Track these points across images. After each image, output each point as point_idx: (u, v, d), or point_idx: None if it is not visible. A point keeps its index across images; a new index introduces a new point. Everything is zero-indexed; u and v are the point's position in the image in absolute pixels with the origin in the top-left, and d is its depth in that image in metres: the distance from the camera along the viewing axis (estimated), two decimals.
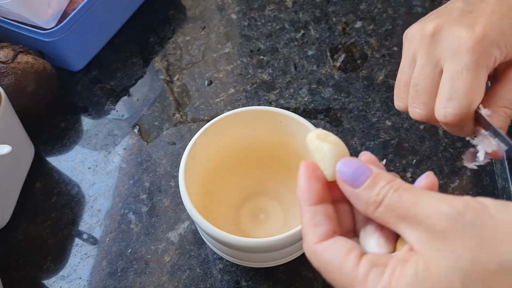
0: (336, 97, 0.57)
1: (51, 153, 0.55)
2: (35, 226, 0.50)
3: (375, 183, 0.25)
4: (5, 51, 0.52)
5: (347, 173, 0.26)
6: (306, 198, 0.26)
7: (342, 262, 0.24)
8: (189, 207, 0.39)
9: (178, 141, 0.55)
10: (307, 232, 0.26)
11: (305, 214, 0.26)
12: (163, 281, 0.46)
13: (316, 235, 0.25)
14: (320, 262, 0.25)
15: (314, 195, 0.26)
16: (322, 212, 0.26)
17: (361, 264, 0.24)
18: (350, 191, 0.25)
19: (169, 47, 0.63)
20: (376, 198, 0.24)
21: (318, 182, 0.27)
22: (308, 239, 0.26)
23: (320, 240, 0.25)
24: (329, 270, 0.25)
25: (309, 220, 0.26)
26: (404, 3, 0.65)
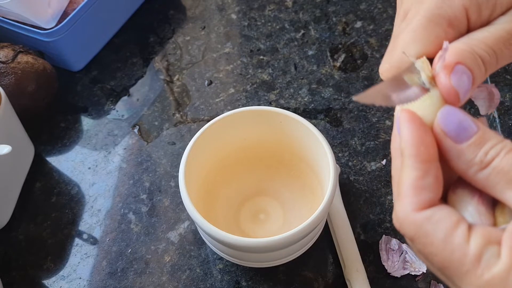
0: (336, 97, 0.57)
1: (51, 153, 0.55)
2: (35, 226, 0.50)
3: (483, 140, 0.22)
4: (5, 51, 0.52)
5: (451, 125, 0.22)
6: (416, 152, 0.22)
7: (449, 235, 0.21)
8: (189, 207, 0.39)
9: (178, 141, 0.55)
10: (407, 194, 0.22)
11: (413, 171, 0.22)
12: (163, 281, 0.46)
13: (419, 201, 0.22)
14: (418, 232, 0.22)
15: (427, 149, 0.22)
16: (433, 173, 0.22)
17: (472, 240, 0.20)
18: (451, 146, 0.22)
19: (169, 47, 0.63)
20: (483, 158, 0.21)
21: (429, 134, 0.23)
22: (406, 203, 0.22)
23: (421, 208, 0.22)
24: (429, 242, 0.21)
25: (416, 180, 0.22)
26: None
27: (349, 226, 0.46)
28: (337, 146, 0.53)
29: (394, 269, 0.45)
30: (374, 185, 0.50)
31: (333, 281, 0.45)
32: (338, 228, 0.46)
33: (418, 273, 0.44)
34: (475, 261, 0.20)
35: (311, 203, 0.46)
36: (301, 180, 0.48)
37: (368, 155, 0.52)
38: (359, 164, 0.52)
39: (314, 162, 0.45)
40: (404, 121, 0.23)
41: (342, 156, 0.52)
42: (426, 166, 0.22)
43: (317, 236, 0.44)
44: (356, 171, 0.51)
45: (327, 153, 0.41)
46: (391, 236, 0.47)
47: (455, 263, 0.20)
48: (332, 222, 0.47)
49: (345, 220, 0.47)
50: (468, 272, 0.20)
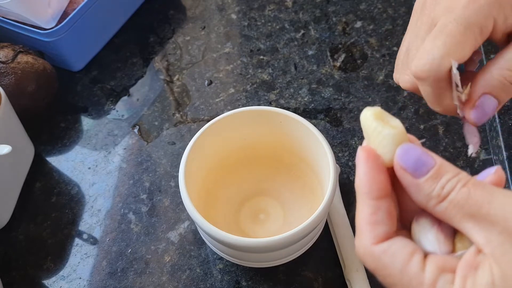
0: (336, 97, 0.57)
1: (51, 153, 0.55)
2: (35, 226, 0.50)
3: (439, 174, 0.22)
4: (5, 51, 0.52)
5: (409, 161, 0.23)
6: (368, 190, 0.24)
7: (405, 266, 0.22)
8: (189, 207, 0.39)
9: (178, 141, 0.55)
10: (363, 230, 0.23)
11: (365, 208, 0.24)
12: (163, 281, 0.46)
13: (374, 235, 0.23)
14: (377, 265, 0.23)
15: (378, 187, 0.24)
16: (385, 209, 0.23)
17: (427, 269, 0.22)
18: (410, 180, 0.23)
19: (169, 47, 0.63)
20: (440, 192, 0.22)
21: (382, 173, 0.24)
22: (364, 238, 0.23)
23: (378, 241, 0.23)
24: (388, 274, 0.22)
25: (369, 216, 0.23)
26: (404, 3, 0.65)
27: (349, 226, 0.46)
28: (337, 146, 0.53)
29: None
30: None
31: (333, 281, 0.45)
32: (338, 228, 0.46)
33: None
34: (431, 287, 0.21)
35: (311, 203, 0.46)
36: (301, 180, 0.48)
37: None
38: None
39: (314, 162, 0.45)
40: (359, 160, 0.24)
41: (342, 156, 0.52)
42: (378, 203, 0.23)
43: (317, 236, 0.44)
44: None
45: (327, 153, 0.41)
46: None
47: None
48: (332, 222, 0.47)
49: (345, 220, 0.47)
50: None
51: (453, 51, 0.27)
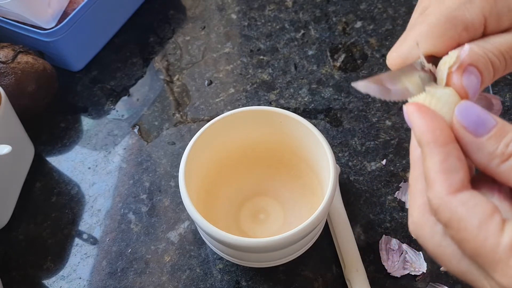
0: (336, 97, 0.57)
1: (51, 153, 0.55)
2: (35, 226, 0.50)
3: (503, 132, 0.22)
4: (5, 51, 0.52)
5: (469, 119, 0.22)
6: (433, 137, 0.22)
7: (484, 222, 0.21)
8: (189, 207, 0.39)
9: (178, 141, 0.55)
10: (436, 179, 0.22)
11: (434, 156, 0.22)
12: (163, 281, 0.46)
13: (449, 183, 0.22)
14: (452, 216, 0.22)
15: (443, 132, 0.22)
16: (455, 154, 0.22)
17: (506, 230, 0.20)
18: (471, 140, 0.22)
19: (169, 47, 0.63)
20: (504, 150, 0.21)
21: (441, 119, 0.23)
22: (437, 188, 0.22)
23: (455, 190, 0.22)
24: (463, 227, 0.21)
25: (441, 163, 0.22)
26: (404, 3, 0.65)
27: (349, 226, 0.46)
28: (337, 146, 0.53)
29: (394, 269, 0.45)
30: (374, 185, 0.50)
31: (333, 281, 0.45)
32: (338, 228, 0.46)
33: (418, 273, 0.44)
34: (508, 251, 0.20)
35: (311, 203, 0.46)
36: (301, 180, 0.48)
37: (368, 155, 0.52)
38: (359, 164, 0.52)
39: (314, 162, 0.45)
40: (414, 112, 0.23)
41: (342, 156, 0.52)
42: (446, 149, 0.22)
43: (317, 236, 0.44)
44: (356, 171, 0.51)
45: (327, 153, 0.41)
46: (391, 236, 0.47)
47: (488, 250, 0.20)
48: (332, 222, 0.47)
49: (345, 220, 0.47)
50: (501, 261, 0.20)
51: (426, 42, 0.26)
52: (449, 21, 0.26)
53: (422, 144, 0.23)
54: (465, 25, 0.26)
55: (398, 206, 0.49)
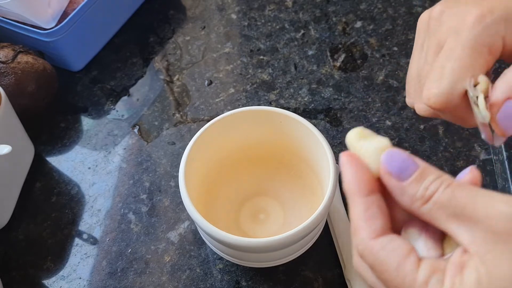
0: (336, 97, 0.57)
1: (51, 153, 0.55)
2: (35, 226, 0.50)
3: (423, 176, 0.23)
4: (5, 51, 0.52)
5: (393, 165, 0.24)
6: (357, 188, 0.25)
7: (400, 264, 0.23)
8: (189, 207, 0.39)
9: (178, 141, 0.55)
10: (360, 226, 0.24)
11: (358, 206, 0.25)
12: (163, 281, 0.46)
13: (372, 230, 0.24)
14: (375, 260, 0.24)
15: (365, 185, 0.25)
16: (376, 203, 0.25)
17: (421, 269, 0.22)
18: (395, 184, 0.24)
19: (169, 47, 0.63)
20: (424, 193, 0.23)
21: (366, 172, 0.25)
22: (362, 234, 0.24)
23: (376, 235, 0.24)
24: (384, 270, 0.23)
25: (363, 212, 0.24)
26: (404, 3, 0.65)
27: (349, 226, 0.46)
28: (337, 146, 0.53)
29: None
30: None
31: (333, 281, 0.45)
32: (338, 228, 0.46)
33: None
34: (423, 285, 0.22)
35: (311, 203, 0.46)
36: (301, 180, 0.48)
37: None
38: None
39: (314, 162, 0.45)
40: (343, 164, 0.25)
41: None
42: (369, 199, 0.24)
43: (317, 236, 0.44)
44: None
45: (327, 153, 0.41)
46: None
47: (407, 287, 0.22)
48: (332, 222, 0.47)
49: (345, 220, 0.47)
50: None
51: (463, 76, 0.27)
52: (476, 51, 0.27)
53: (348, 194, 0.25)
54: (489, 49, 0.28)
55: None
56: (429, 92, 0.29)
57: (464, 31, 0.28)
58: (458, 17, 0.29)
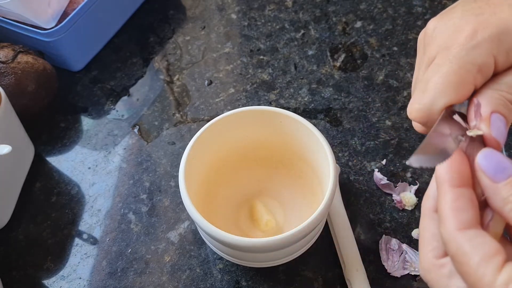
0: (336, 97, 0.57)
1: (51, 153, 0.55)
2: (35, 226, 0.50)
3: None
4: (5, 51, 0.52)
5: (489, 165, 0.24)
6: (450, 178, 0.25)
7: (484, 261, 0.23)
8: (189, 207, 0.39)
9: (178, 141, 0.55)
10: (447, 215, 0.24)
11: (447, 195, 0.25)
12: (163, 281, 0.46)
13: (459, 221, 0.24)
14: (457, 249, 0.24)
15: (460, 176, 0.25)
16: (467, 196, 0.25)
17: (503, 272, 0.22)
18: (489, 183, 0.24)
19: (169, 47, 0.63)
20: None
21: (464, 164, 0.25)
22: (448, 224, 0.24)
23: (463, 227, 0.24)
24: (465, 262, 0.23)
25: (452, 202, 0.24)
26: (404, 3, 0.65)
27: (349, 226, 0.46)
28: (337, 146, 0.53)
29: (394, 269, 0.45)
30: (374, 185, 0.50)
31: (333, 281, 0.45)
32: (338, 228, 0.46)
33: (418, 273, 0.44)
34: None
35: (311, 203, 0.46)
36: (301, 180, 0.48)
37: (368, 155, 0.52)
38: (359, 164, 0.52)
39: (314, 162, 0.45)
40: None
41: (342, 156, 0.52)
42: (460, 190, 0.25)
43: (317, 236, 0.44)
44: (356, 171, 0.51)
45: (327, 153, 0.41)
46: (391, 236, 0.47)
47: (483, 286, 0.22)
48: (332, 222, 0.47)
49: (345, 220, 0.47)
50: None
51: (446, 92, 0.27)
52: (463, 68, 0.27)
53: (438, 182, 0.25)
54: (478, 68, 0.27)
55: (398, 206, 0.49)
56: (411, 106, 0.28)
57: (454, 48, 0.27)
58: (449, 32, 0.28)
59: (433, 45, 0.29)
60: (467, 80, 0.27)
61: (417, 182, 0.49)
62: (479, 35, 0.27)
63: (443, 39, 0.28)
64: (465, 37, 0.27)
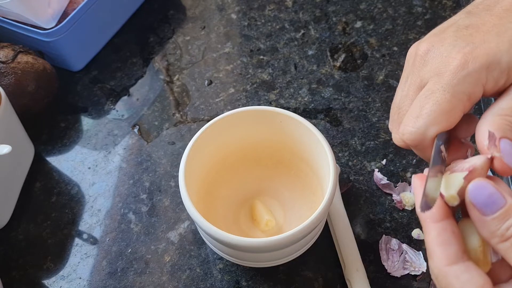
0: (336, 97, 0.57)
1: (51, 153, 0.55)
2: (35, 226, 0.50)
3: (507, 215, 0.24)
4: (5, 51, 0.52)
5: (479, 198, 0.25)
6: (429, 214, 0.26)
7: None
8: (189, 207, 0.39)
9: (178, 141, 0.55)
10: (434, 251, 0.25)
11: (431, 231, 0.26)
12: (163, 281, 0.46)
13: (446, 256, 0.25)
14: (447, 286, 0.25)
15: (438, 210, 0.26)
16: (449, 229, 0.25)
17: None
18: (477, 216, 0.25)
19: (169, 47, 0.63)
20: (504, 232, 0.24)
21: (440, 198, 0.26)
22: (437, 260, 0.25)
23: (451, 262, 0.25)
24: None
25: (436, 238, 0.25)
26: (404, 3, 0.65)
27: (349, 226, 0.46)
28: (337, 146, 0.53)
29: (394, 269, 0.45)
30: (374, 185, 0.50)
31: (333, 281, 0.45)
32: (338, 228, 0.46)
33: (418, 273, 0.44)
34: None
35: (311, 203, 0.46)
36: (301, 180, 0.48)
37: (368, 155, 0.52)
38: (359, 164, 0.52)
39: (314, 162, 0.45)
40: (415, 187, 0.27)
41: (342, 156, 0.52)
42: (440, 225, 0.25)
43: (317, 236, 0.44)
44: (356, 171, 0.51)
45: (327, 153, 0.41)
46: (391, 236, 0.47)
47: None
48: (332, 222, 0.47)
49: (345, 220, 0.47)
50: None
51: (439, 120, 0.28)
52: (455, 97, 0.28)
53: (421, 220, 0.26)
54: (468, 96, 0.28)
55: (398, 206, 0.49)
56: (405, 128, 0.29)
57: (446, 76, 0.28)
58: (442, 59, 0.29)
59: (426, 68, 0.30)
60: (458, 108, 0.28)
61: None
62: (470, 65, 0.28)
63: (435, 65, 0.29)
64: (457, 66, 0.28)
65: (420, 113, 0.29)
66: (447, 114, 0.28)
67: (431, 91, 0.29)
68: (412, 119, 0.29)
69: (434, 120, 0.28)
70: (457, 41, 0.29)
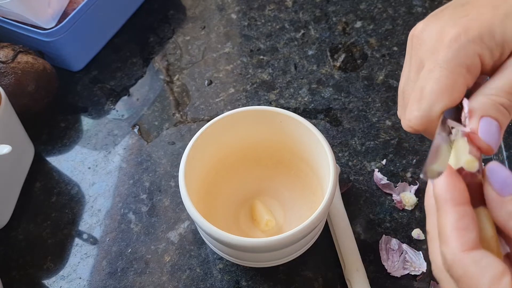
0: (336, 97, 0.57)
1: (51, 153, 0.55)
2: (35, 226, 0.50)
3: None
4: (5, 51, 0.52)
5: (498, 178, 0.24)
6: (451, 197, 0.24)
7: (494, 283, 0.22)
8: (189, 207, 0.39)
9: (178, 141, 0.55)
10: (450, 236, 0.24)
11: (450, 214, 0.24)
12: (163, 281, 0.46)
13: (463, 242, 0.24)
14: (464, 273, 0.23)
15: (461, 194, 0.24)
16: (470, 214, 0.24)
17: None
18: (495, 197, 0.24)
19: (169, 47, 0.63)
20: None
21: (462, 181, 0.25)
22: (452, 245, 0.24)
23: (467, 248, 0.23)
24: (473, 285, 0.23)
25: (455, 222, 0.24)
26: (404, 3, 0.65)
27: (349, 226, 0.46)
28: (337, 146, 0.53)
29: (394, 269, 0.45)
30: (374, 185, 0.50)
31: (333, 281, 0.45)
32: (338, 228, 0.46)
33: (418, 273, 0.44)
34: None
35: (311, 203, 0.46)
36: (301, 180, 0.48)
37: (368, 155, 0.52)
38: (359, 164, 0.52)
39: (314, 162, 0.45)
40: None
41: (342, 156, 0.52)
42: (463, 209, 0.24)
43: (317, 236, 0.44)
44: (356, 171, 0.51)
45: (327, 153, 0.41)
46: (391, 236, 0.47)
47: None
48: (332, 222, 0.47)
49: (345, 220, 0.47)
50: None
51: (441, 98, 0.28)
52: (454, 72, 0.27)
53: (439, 201, 0.25)
54: (467, 69, 0.28)
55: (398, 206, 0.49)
56: (410, 113, 0.29)
57: (441, 52, 0.28)
58: (436, 36, 0.29)
59: (421, 49, 0.30)
60: (460, 82, 0.28)
61: (417, 182, 0.49)
62: (462, 37, 0.27)
63: (431, 42, 0.29)
64: (450, 39, 0.28)
65: (422, 95, 0.28)
66: (448, 90, 0.27)
67: (429, 70, 0.28)
68: (415, 103, 0.29)
69: (436, 99, 0.28)
70: (452, 16, 0.29)
